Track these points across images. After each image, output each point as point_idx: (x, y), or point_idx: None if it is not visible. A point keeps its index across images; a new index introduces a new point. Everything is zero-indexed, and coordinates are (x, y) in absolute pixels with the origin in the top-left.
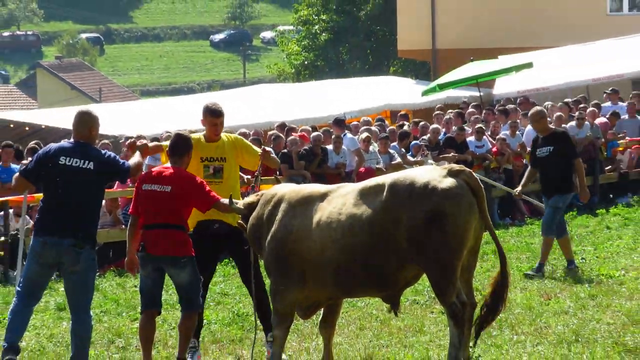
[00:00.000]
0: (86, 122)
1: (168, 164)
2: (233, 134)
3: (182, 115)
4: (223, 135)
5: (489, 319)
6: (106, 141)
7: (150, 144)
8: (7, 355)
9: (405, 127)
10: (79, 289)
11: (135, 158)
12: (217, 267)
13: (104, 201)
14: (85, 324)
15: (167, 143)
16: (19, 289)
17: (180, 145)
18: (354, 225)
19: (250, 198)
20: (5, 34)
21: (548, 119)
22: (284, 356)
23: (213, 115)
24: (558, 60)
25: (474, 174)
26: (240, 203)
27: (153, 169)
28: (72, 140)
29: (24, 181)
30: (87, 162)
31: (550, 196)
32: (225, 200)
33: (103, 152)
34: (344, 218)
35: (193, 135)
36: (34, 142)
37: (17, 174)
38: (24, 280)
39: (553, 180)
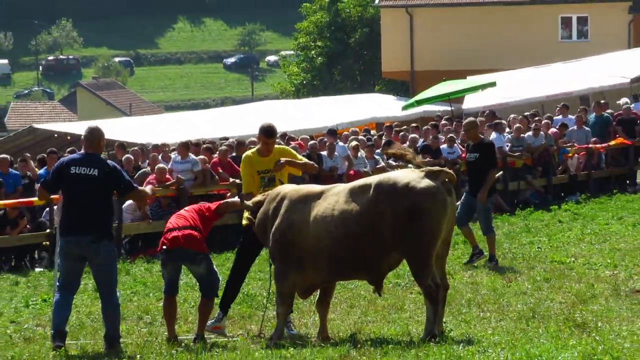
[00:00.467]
0: (93, 137)
1: None
2: (281, 146)
3: (199, 126)
4: (275, 147)
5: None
6: (135, 148)
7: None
8: (55, 340)
9: (375, 137)
10: (103, 277)
11: (147, 189)
12: (230, 253)
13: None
14: (113, 304)
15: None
16: (58, 283)
17: None
18: (345, 219)
19: (258, 197)
20: (50, 58)
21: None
22: (294, 331)
23: (266, 136)
24: (517, 80)
25: (450, 174)
26: (250, 202)
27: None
28: (82, 151)
29: (44, 191)
30: (92, 169)
31: (475, 195)
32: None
33: (109, 162)
34: (336, 213)
35: (248, 152)
36: (48, 150)
37: (39, 185)
38: (61, 275)
39: (477, 182)
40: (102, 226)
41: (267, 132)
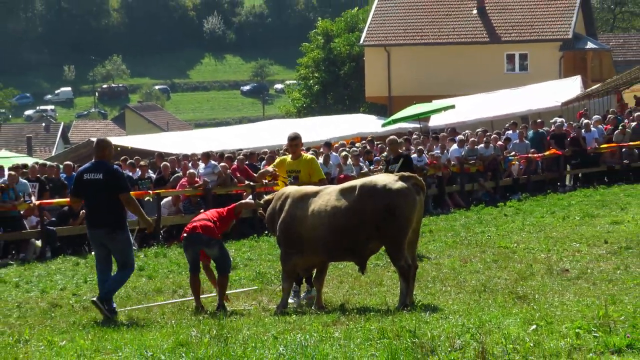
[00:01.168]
0: (99, 147)
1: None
2: (311, 155)
3: (221, 140)
4: (303, 154)
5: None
6: (172, 157)
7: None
8: (97, 302)
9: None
10: (118, 256)
11: (140, 211)
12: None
13: (170, 198)
14: (124, 277)
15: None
16: (96, 265)
17: None
18: (336, 213)
19: (268, 197)
20: (104, 86)
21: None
22: (296, 299)
23: (289, 139)
24: (472, 104)
25: (418, 178)
26: (262, 200)
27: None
28: (93, 160)
29: (73, 198)
30: (98, 173)
31: None
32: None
33: (113, 167)
34: (329, 208)
35: (283, 157)
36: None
37: (69, 194)
38: (95, 260)
39: None
40: (113, 220)
41: (289, 137)
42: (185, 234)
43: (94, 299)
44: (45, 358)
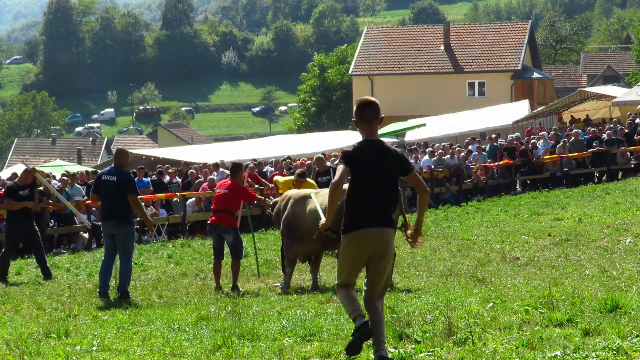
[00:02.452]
0: (118, 155)
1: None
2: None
3: (236, 152)
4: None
5: None
6: (196, 166)
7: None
8: (101, 296)
9: None
10: (122, 248)
11: (143, 211)
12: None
13: (194, 199)
14: (127, 268)
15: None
16: (104, 255)
17: (236, 169)
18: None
19: (276, 199)
20: (141, 107)
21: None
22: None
23: (297, 176)
24: (440, 123)
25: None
26: (272, 202)
27: (221, 182)
28: (112, 165)
29: (94, 195)
30: (113, 177)
31: None
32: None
33: (127, 171)
34: (323, 207)
35: (290, 179)
36: (139, 167)
37: (91, 192)
38: (104, 250)
39: None
40: (120, 215)
41: (298, 173)
42: (209, 223)
43: (104, 297)
44: (91, 330)
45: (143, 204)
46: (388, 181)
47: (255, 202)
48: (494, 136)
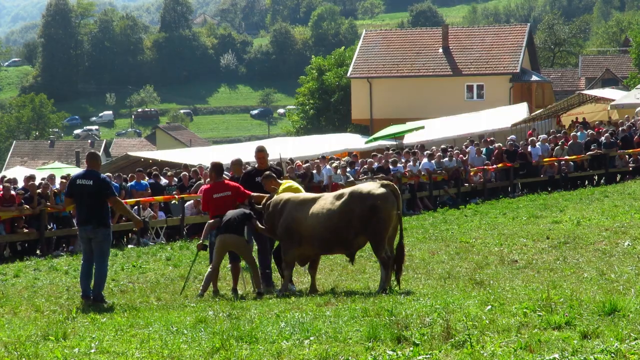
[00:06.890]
0: (91, 158)
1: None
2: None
3: (234, 153)
4: (288, 183)
5: (399, 267)
6: (194, 168)
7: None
8: (84, 300)
9: (348, 161)
10: (98, 251)
11: (127, 210)
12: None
13: (192, 201)
14: (102, 272)
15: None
16: (82, 260)
17: (221, 168)
18: (331, 215)
19: (267, 198)
20: (139, 110)
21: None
22: (293, 287)
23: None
24: (438, 125)
25: (395, 186)
26: (264, 200)
27: (208, 185)
28: (86, 168)
29: (68, 199)
30: (89, 180)
31: None
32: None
33: (102, 175)
34: (325, 211)
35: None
36: (137, 169)
37: (64, 196)
38: (82, 251)
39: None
40: (97, 218)
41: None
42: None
43: (88, 300)
44: (89, 332)
45: (140, 205)
46: None
47: (252, 201)
48: (491, 139)
